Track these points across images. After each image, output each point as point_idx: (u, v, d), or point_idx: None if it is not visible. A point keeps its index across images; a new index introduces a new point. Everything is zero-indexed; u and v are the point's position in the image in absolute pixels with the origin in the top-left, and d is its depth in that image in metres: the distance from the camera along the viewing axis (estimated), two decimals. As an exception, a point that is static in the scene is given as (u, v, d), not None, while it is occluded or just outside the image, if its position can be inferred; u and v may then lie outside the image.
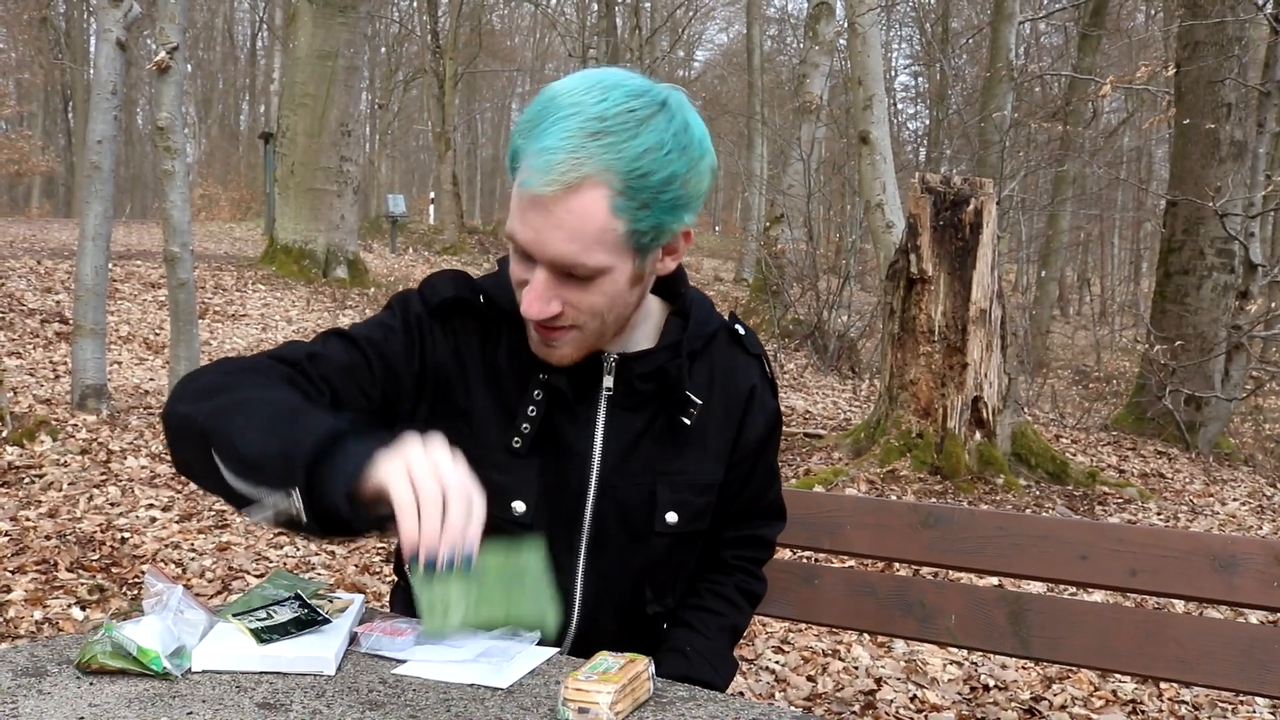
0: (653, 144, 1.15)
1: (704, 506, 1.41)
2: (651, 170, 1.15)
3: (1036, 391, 11.63)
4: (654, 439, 1.37)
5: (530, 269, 1.22)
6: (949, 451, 5.90)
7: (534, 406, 1.33)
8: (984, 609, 1.78)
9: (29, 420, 5.50)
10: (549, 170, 1.13)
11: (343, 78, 12.77)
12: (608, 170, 1.14)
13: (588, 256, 1.18)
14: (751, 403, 1.43)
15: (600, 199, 1.15)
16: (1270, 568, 1.60)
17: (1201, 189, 8.49)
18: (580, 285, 1.21)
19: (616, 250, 1.19)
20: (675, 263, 1.31)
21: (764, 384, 1.46)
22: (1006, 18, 11.04)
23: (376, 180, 31.03)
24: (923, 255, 5.90)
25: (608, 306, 1.24)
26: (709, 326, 1.41)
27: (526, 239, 1.19)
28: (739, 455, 1.44)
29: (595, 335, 1.28)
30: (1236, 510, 6.14)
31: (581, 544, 1.38)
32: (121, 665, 1.12)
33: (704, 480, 1.40)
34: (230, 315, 10.57)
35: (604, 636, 1.39)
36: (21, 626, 3.39)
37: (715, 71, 37.16)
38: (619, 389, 1.35)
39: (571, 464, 1.35)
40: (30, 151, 29.71)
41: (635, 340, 1.36)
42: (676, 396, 1.36)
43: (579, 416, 1.35)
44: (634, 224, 1.18)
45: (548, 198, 1.14)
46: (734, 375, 1.42)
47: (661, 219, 1.20)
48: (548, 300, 1.21)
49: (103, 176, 5.95)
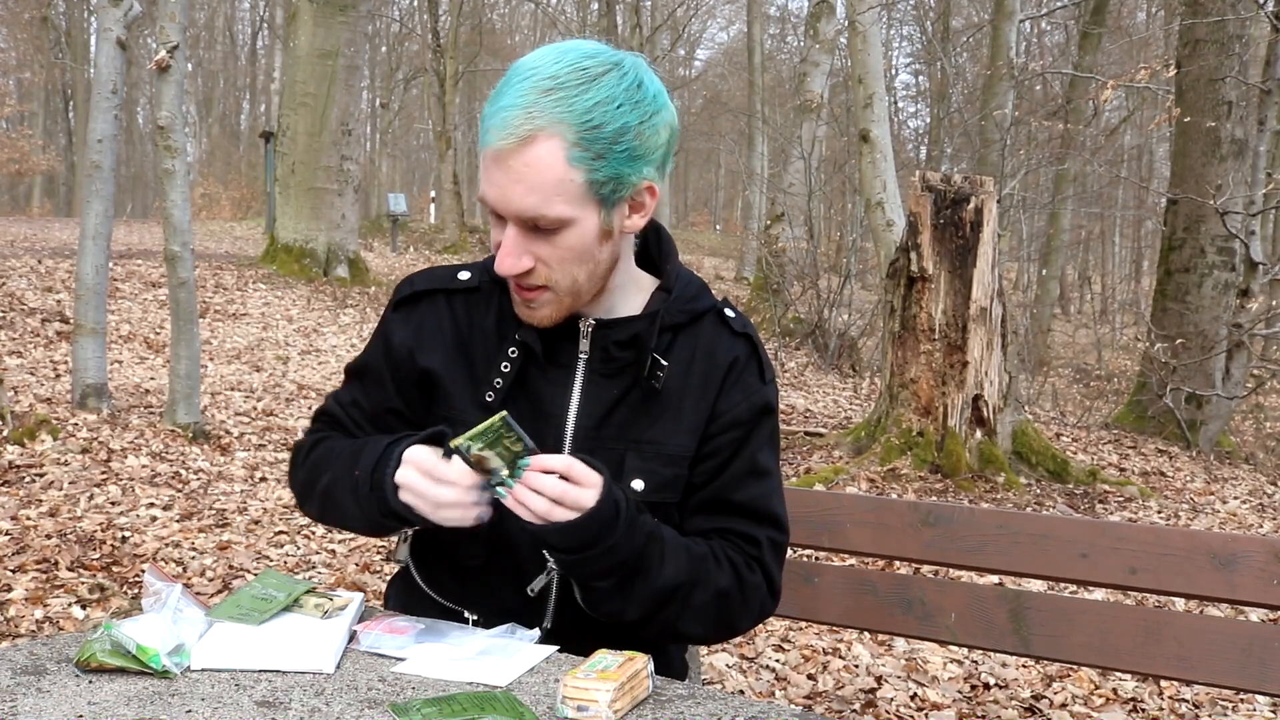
0: (603, 98, 1.22)
1: (671, 478, 1.39)
2: (603, 122, 1.22)
3: (1037, 390, 11.63)
4: (629, 407, 1.38)
5: (502, 228, 1.28)
6: (950, 450, 5.90)
7: (507, 363, 1.38)
8: (984, 607, 1.78)
9: (30, 419, 5.50)
10: (505, 126, 1.21)
11: (343, 77, 12.77)
12: (560, 123, 1.21)
13: (548, 207, 1.24)
14: (730, 377, 1.40)
15: (555, 150, 1.22)
16: (1270, 566, 1.60)
17: (1202, 187, 8.49)
18: (547, 239, 1.27)
19: (578, 201, 1.25)
20: (644, 220, 1.34)
21: (750, 364, 1.42)
22: (1007, 15, 11.04)
23: (377, 179, 31.06)
24: (923, 253, 5.90)
25: (576, 261, 1.29)
26: (698, 304, 1.42)
27: (493, 196, 1.26)
28: (713, 429, 1.39)
29: (570, 294, 1.32)
30: (1237, 508, 6.14)
31: None
32: (121, 663, 1.12)
33: (673, 451, 1.39)
34: (231, 314, 10.57)
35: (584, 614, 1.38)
36: (22, 625, 3.40)
37: (716, 70, 37.13)
38: (595, 354, 1.37)
39: (547, 425, 1.37)
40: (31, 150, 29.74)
41: (617, 309, 1.39)
42: (645, 358, 1.36)
43: (555, 379, 1.38)
44: (591, 174, 1.24)
45: (506, 151, 1.22)
46: (715, 351, 1.42)
47: (619, 170, 1.25)
48: (518, 255, 1.27)
49: (103, 175, 5.95)
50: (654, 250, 1.45)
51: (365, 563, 4.25)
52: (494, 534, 1.36)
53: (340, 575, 4.07)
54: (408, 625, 1.30)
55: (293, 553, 4.34)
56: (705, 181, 46.50)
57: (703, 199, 47.86)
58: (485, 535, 1.36)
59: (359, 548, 4.46)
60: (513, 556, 1.39)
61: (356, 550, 4.43)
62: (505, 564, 1.39)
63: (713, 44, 41.14)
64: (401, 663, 1.21)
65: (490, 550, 1.39)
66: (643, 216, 1.34)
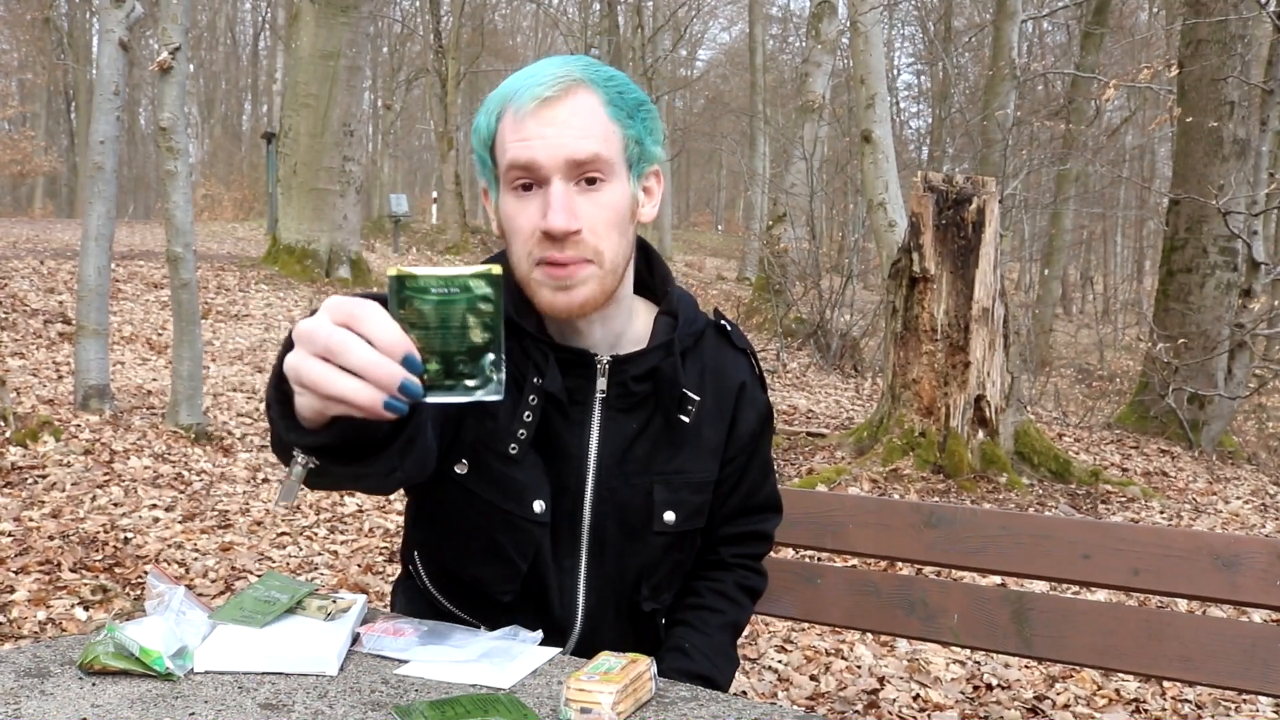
0: (618, 75, 1.29)
1: (700, 505, 1.42)
2: (626, 89, 1.28)
3: (1039, 390, 11.62)
4: (650, 439, 1.37)
5: (538, 193, 1.24)
6: (952, 450, 5.89)
7: (529, 412, 1.33)
8: (987, 608, 1.78)
9: (32, 421, 5.51)
10: (545, 81, 1.23)
11: (345, 77, 12.77)
12: (593, 82, 1.26)
13: (601, 145, 1.24)
14: (742, 398, 1.44)
15: (596, 103, 1.25)
16: (1273, 566, 1.60)
17: (1204, 187, 8.48)
18: (591, 196, 1.24)
19: (618, 156, 1.27)
20: (653, 211, 1.36)
21: (753, 379, 1.47)
22: (1009, 16, 11.03)
23: (379, 180, 31.06)
24: (925, 254, 5.90)
25: (616, 227, 1.26)
26: (697, 324, 1.43)
27: (538, 148, 1.22)
28: (732, 451, 1.44)
29: (610, 272, 1.27)
30: (1240, 509, 6.13)
31: (583, 545, 1.39)
32: (124, 666, 1.12)
33: (700, 479, 1.41)
34: (233, 315, 10.58)
35: (605, 636, 1.40)
36: (25, 627, 3.40)
37: (718, 70, 37.14)
38: (613, 391, 1.36)
39: (568, 467, 1.36)
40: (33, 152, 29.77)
41: (626, 342, 1.38)
42: (674, 395, 1.37)
43: (573, 420, 1.35)
44: (625, 130, 1.27)
45: (553, 98, 1.22)
46: (724, 371, 1.43)
47: (643, 135, 1.29)
48: (570, 211, 1.23)
49: (105, 177, 5.96)
50: (645, 272, 1.43)
51: (368, 564, 4.26)
52: (531, 574, 1.38)
53: (343, 577, 4.07)
54: (410, 627, 1.30)
55: (295, 554, 4.35)
56: (707, 182, 46.51)
57: (704, 199, 47.86)
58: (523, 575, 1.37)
59: (361, 549, 4.46)
60: (542, 593, 1.39)
61: (359, 552, 4.43)
62: (534, 601, 1.40)
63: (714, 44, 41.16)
64: (404, 665, 1.21)
65: (524, 589, 1.39)
66: (653, 205, 1.36)
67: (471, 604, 1.44)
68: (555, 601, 1.39)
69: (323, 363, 0.91)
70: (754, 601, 1.55)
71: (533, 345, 1.32)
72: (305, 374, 0.92)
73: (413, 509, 1.48)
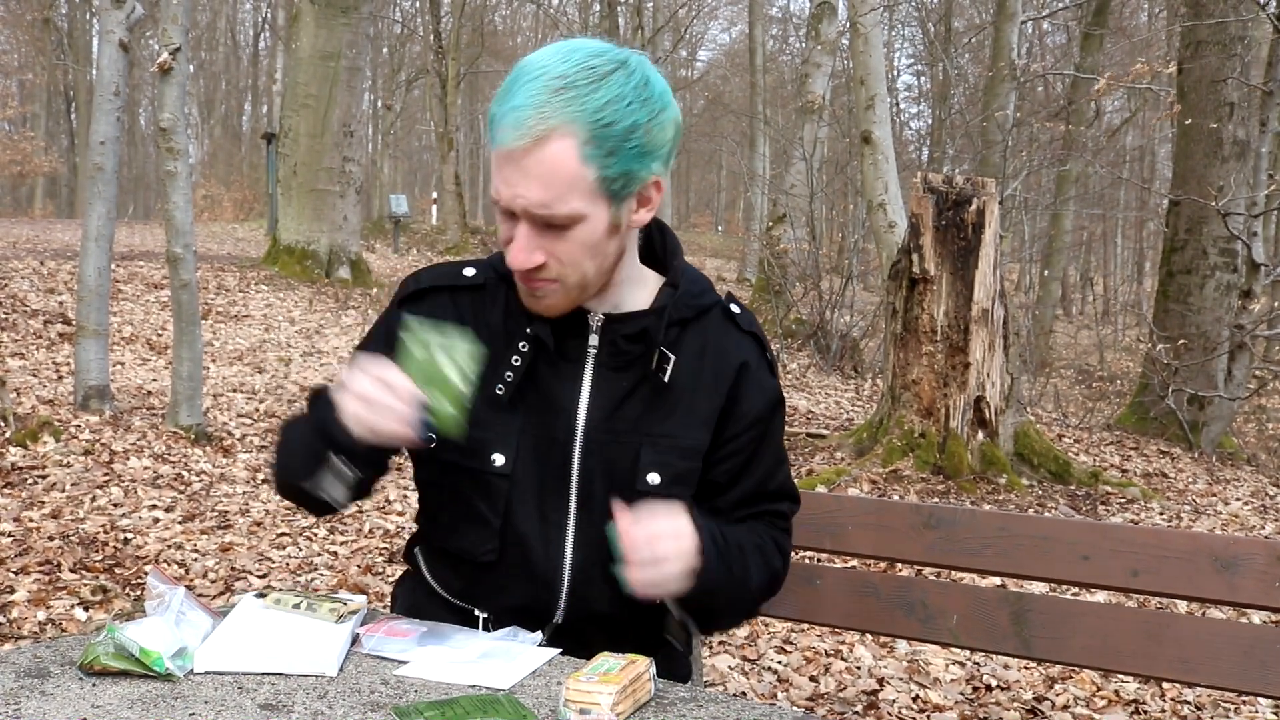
0: (613, 96, 1.23)
1: (686, 471, 1.41)
2: (614, 120, 1.23)
3: (1039, 391, 11.63)
4: (640, 400, 1.40)
5: (514, 225, 1.30)
6: (951, 451, 5.90)
7: (518, 357, 1.39)
8: (986, 609, 1.78)
9: (32, 421, 5.51)
10: (518, 126, 1.23)
11: (345, 78, 12.78)
12: (573, 122, 1.22)
13: (562, 204, 1.25)
14: (745, 376, 1.44)
15: (569, 148, 1.23)
16: (1272, 568, 1.60)
17: (1204, 188, 8.49)
18: (559, 234, 1.28)
19: (590, 198, 1.27)
20: (650, 214, 1.37)
21: (761, 362, 1.47)
22: (1009, 17, 11.04)
23: (379, 180, 31.05)
24: (925, 255, 5.90)
25: (587, 255, 1.31)
26: (704, 299, 1.45)
27: (505, 195, 1.27)
28: (735, 429, 1.44)
29: (578, 287, 1.34)
30: (1239, 510, 6.13)
31: (571, 498, 1.40)
32: (124, 666, 1.13)
33: (687, 444, 1.41)
34: (233, 316, 10.58)
35: (594, 597, 1.39)
36: (25, 627, 3.40)
37: (718, 71, 37.14)
38: (604, 348, 1.39)
39: (557, 418, 1.39)
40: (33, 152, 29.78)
41: (624, 304, 1.41)
42: (652, 351, 1.39)
43: (565, 373, 1.39)
44: (603, 170, 1.25)
45: (519, 151, 1.23)
46: (725, 348, 1.44)
47: (629, 166, 1.27)
48: (531, 251, 1.29)
49: (105, 177, 5.96)
50: (658, 247, 1.47)
51: (367, 565, 4.26)
52: (507, 528, 1.39)
53: (342, 577, 4.08)
54: (410, 628, 1.31)
55: (295, 555, 4.35)
56: (707, 183, 46.51)
57: (704, 200, 47.87)
58: (499, 530, 1.39)
59: (361, 550, 4.46)
60: (525, 550, 1.40)
61: (359, 552, 4.43)
62: (518, 558, 1.40)
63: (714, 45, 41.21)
64: (404, 666, 1.21)
65: (504, 544, 1.40)
66: (649, 211, 1.36)
67: (462, 577, 1.45)
68: (540, 557, 1.39)
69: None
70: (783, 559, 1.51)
71: None
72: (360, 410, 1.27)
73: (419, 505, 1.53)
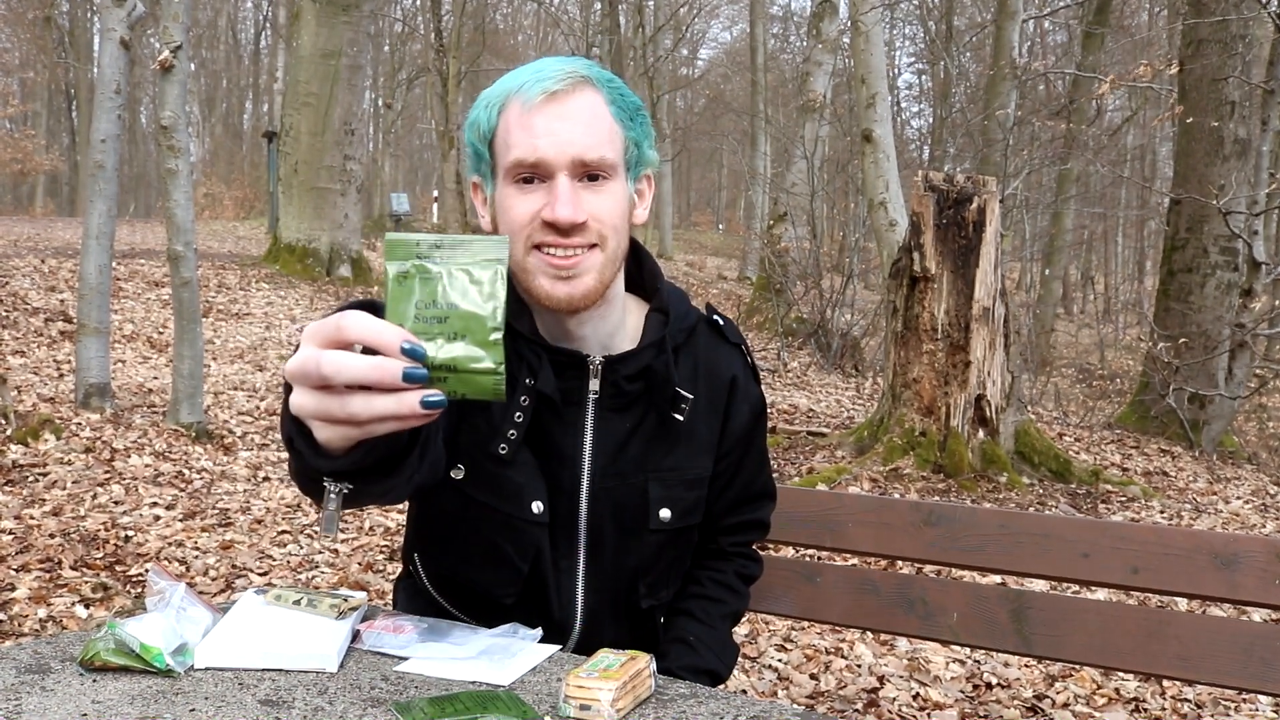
0: (617, 78, 1.29)
1: (695, 501, 1.42)
2: (626, 93, 1.29)
3: (1040, 390, 11.63)
4: (643, 438, 1.37)
5: (541, 191, 1.23)
6: (952, 450, 5.89)
7: (520, 413, 1.32)
8: (986, 607, 1.78)
9: (33, 419, 5.51)
10: (553, 77, 1.23)
11: (346, 76, 12.77)
12: (598, 82, 1.26)
13: (607, 148, 1.24)
14: (735, 392, 1.44)
15: (601, 102, 1.26)
16: (1272, 565, 1.60)
17: (1205, 187, 8.48)
18: (598, 188, 1.25)
19: (619, 157, 1.27)
20: (644, 212, 1.36)
21: (746, 373, 1.47)
22: (1010, 15, 11.03)
23: (380, 179, 31.05)
24: (926, 253, 5.90)
25: (619, 220, 1.28)
26: (689, 320, 1.42)
27: (545, 146, 1.22)
28: (726, 446, 1.45)
29: (612, 260, 1.28)
30: (1240, 508, 6.13)
31: (580, 545, 1.39)
32: (124, 662, 1.13)
33: (694, 475, 1.41)
34: (234, 314, 10.58)
35: (604, 635, 1.40)
36: (26, 624, 3.40)
37: (719, 70, 37.11)
38: (605, 391, 1.35)
39: (562, 468, 1.36)
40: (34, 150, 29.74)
41: (618, 342, 1.37)
42: (667, 394, 1.36)
43: (567, 421, 1.35)
44: (626, 132, 1.28)
45: (562, 92, 1.22)
46: (717, 366, 1.43)
47: (640, 138, 1.30)
48: (577, 204, 1.22)
49: (106, 175, 5.96)
50: (633, 271, 1.43)
51: (368, 562, 4.26)
52: (532, 576, 1.38)
53: (343, 575, 4.08)
54: (410, 625, 1.31)
55: (296, 552, 4.35)
56: (708, 181, 46.49)
57: (705, 199, 47.85)
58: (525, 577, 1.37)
59: (361, 547, 4.47)
60: (544, 595, 1.40)
61: (359, 550, 4.43)
62: (534, 602, 1.40)
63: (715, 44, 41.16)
64: (404, 662, 1.21)
65: (525, 591, 1.39)
66: (644, 207, 1.36)
67: (472, 605, 1.44)
68: (554, 602, 1.39)
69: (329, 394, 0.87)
70: (748, 587, 1.58)
71: (526, 346, 1.31)
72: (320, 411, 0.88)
73: (414, 513, 1.48)
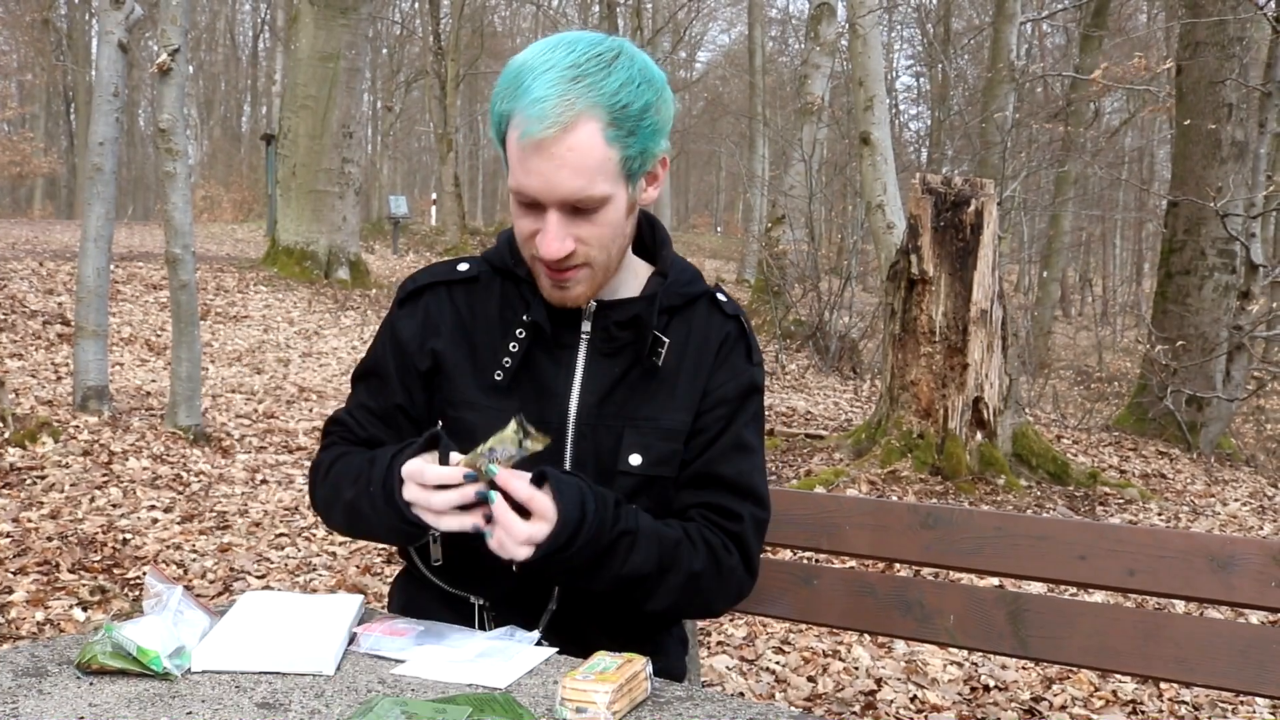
0: (625, 79, 1.29)
1: (668, 453, 1.43)
2: (630, 101, 1.29)
3: (1038, 392, 11.63)
4: (629, 387, 1.43)
5: (538, 217, 1.33)
6: (950, 452, 5.90)
7: (516, 344, 1.43)
8: (983, 609, 1.78)
9: (31, 422, 5.51)
10: (545, 116, 1.26)
11: (344, 79, 12.78)
12: (595, 106, 1.27)
13: (594, 187, 1.29)
14: (720, 353, 1.47)
15: (594, 132, 1.27)
16: (1268, 568, 1.60)
17: (1203, 189, 8.49)
18: (588, 219, 1.32)
19: (614, 178, 1.31)
20: (656, 191, 1.41)
21: (738, 345, 1.48)
22: (1008, 18, 11.05)
23: (378, 181, 31.07)
24: (924, 256, 5.90)
25: (613, 236, 1.36)
26: (692, 288, 1.48)
27: (535, 185, 1.29)
28: (702, 406, 1.45)
29: (603, 270, 1.38)
30: (1238, 511, 6.14)
31: None
32: (121, 665, 1.13)
33: (669, 426, 1.43)
34: (232, 317, 10.58)
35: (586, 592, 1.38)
36: (23, 627, 3.40)
37: (717, 72, 37.14)
38: (597, 334, 1.43)
39: (550, 404, 1.42)
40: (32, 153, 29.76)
41: (619, 292, 1.45)
42: (647, 338, 1.42)
43: (559, 360, 1.43)
44: (625, 151, 1.30)
45: (550, 140, 1.26)
46: (708, 332, 1.48)
47: (645, 144, 1.32)
48: (563, 239, 1.32)
49: (105, 178, 5.96)
50: (648, 238, 1.51)
51: (366, 565, 4.26)
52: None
53: (341, 578, 4.08)
54: (407, 627, 1.31)
55: (293, 555, 4.35)
56: (706, 184, 46.53)
57: (704, 201, 47.89)
58: None
59: (359, 550, 4.46)
60: None
61: (357, 553, 4.43)
62: None
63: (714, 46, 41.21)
64: (401, 665, 1.21)
65: None
66: (655, 188, 1.41)
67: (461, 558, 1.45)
68: None
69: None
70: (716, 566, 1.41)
71: (526, 288, 1.43)
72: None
73: None
